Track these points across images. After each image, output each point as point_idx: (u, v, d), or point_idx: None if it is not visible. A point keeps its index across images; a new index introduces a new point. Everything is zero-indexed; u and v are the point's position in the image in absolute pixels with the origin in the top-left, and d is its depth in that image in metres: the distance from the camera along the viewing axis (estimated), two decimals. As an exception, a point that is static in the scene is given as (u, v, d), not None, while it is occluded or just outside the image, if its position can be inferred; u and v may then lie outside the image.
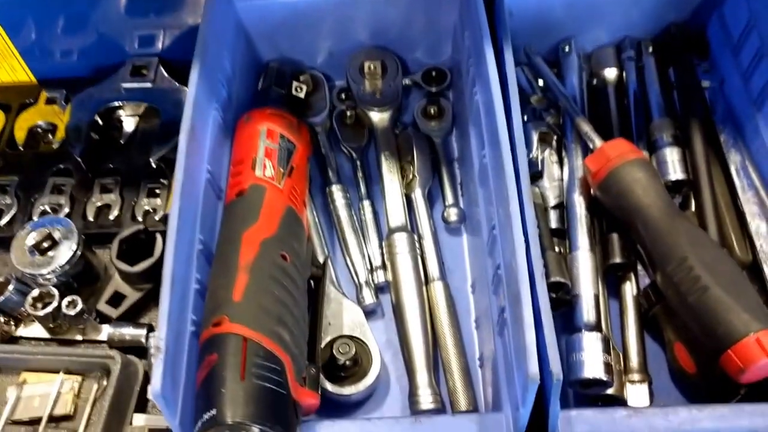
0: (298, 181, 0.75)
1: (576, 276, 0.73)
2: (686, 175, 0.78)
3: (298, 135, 0.78)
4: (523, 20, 0.86)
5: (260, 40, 0.89)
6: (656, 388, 0.72)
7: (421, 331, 0.73)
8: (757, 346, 0.60)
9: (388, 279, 0.78)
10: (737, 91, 0.83)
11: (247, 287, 0.62)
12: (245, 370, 0.58)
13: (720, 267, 0.65)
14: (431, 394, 0.70)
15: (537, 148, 0.82)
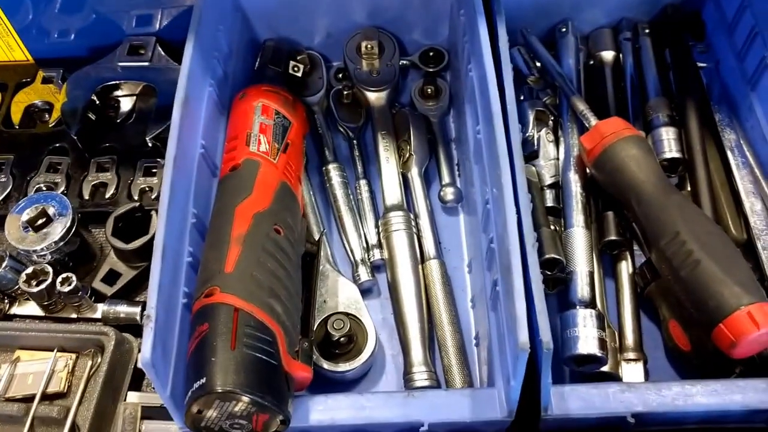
0: (294, 157, 0.75)
1: (571, 253, 0.73)
2: (681, 153, 0.78)
3: (293, 112, 0.78)
4: (521, 1, 0.87)
5: (258, 19, 0.89)
6: (652, 366, 0.72)
7: (416, 308, 0.73)
8: (748, 319, 0.60)
9: (384, 257, 0.78)
10: (732, 71, 0.83)
11: (239, 259, 0.62)
12: (236, 339, 0.57)
13: (712, 241, 0.65)
14: (426, 372, 0.70)
15: (533, 128, 0.82)
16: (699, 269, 0.63)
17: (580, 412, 0.61)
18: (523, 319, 0.55)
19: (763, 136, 0.77)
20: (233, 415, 0.57)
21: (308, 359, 0.64)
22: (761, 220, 0.72)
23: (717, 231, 0.67)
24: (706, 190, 0.75)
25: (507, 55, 0.72)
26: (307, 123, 0.83)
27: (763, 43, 0.77)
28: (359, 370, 0.71)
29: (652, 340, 0.73)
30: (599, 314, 0.69)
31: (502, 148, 0.64)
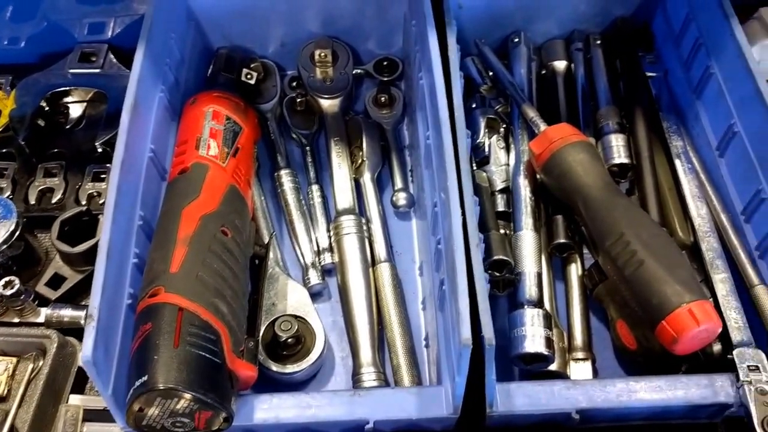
0: (243, 161, 0.76)
1: (519, 255, 0.74)
2: (630, 159, 0.80)
3: (245, 118, 0.79)
4: (475, 13, 0.90)
5: (212, 28, 0.90)
6: (600, 366, 0.74)
7: (365, 310, 0.74)
8: (689, 316, 0.62)
9: (335, 261, 0.79)
10: (679, 80, 0.86)
11: (185, 259, 0.63)
12: (179, 338, 0.58)
13: (655, 242, 0.67)
14: (374, 372, 0.71)
15: (484, 134, 0.83)
16: (643, 269, 0.65)
17: (526, 408, 0.63)
18: (466, 315, 0.57)
19: (708, 143, 0.79)
20: (175, 412, 0.57)
21: (253, 358, 0.65)
22: (705, 222, 0.74)
23: (661, 233, 0.69)
24: (653, 194, 0.77)
25: (457, 64, 0.74)
26: (258, 129, 0.84)
27: (706, 54, 0.79)
28: (307, 372, 0.72)
29: (601, 340, 0.75)
30: (546, 314, 0.70)
31: (449, 153, 0.66)
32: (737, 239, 0.73)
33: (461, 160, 0.67)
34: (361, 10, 0.89)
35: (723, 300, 0.68)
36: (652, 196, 0.77)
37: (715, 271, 0.71)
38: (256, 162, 0.84)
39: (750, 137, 0.72)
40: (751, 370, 0.63)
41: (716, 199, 0.76)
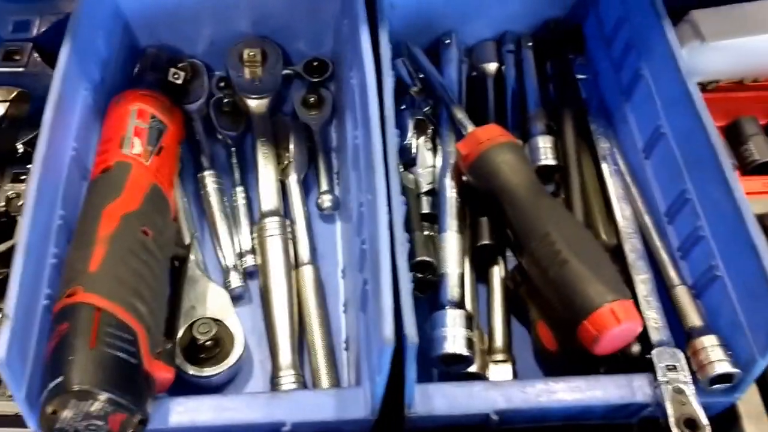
0: (167, 160, 0.77)
1: (443, 256, 0.76)
2: (557, 161, 0.83)
3: (170, 116, 0.80)
4: (406, 13, 0.91)
5: (140, 27, 0.90)
6: (522, 368, 0.76)
7: (286, 312, 0.76)
8: (610, 315, 0.64)
9: (257, 263, 0.81)
10: (609, 82, 0.88)
11: (104, 259, 0.64)
12: (96, 338, 0.58)
13: (579, 242, 0.69)
14: (293, 375, 0.72)
15: (412, 135, 0.85)
16: (566, 269, 0.67)
17: (445, 410, 0.65)
18: (389, 313, 0.58)
19: (635, 145, 0.82)
20: (89, 415, 0.57)
21: (171, 360, 0.66)
22: (629, 224, 0.77)
23: (584, 233, 0.71)
24: (579, 195, 0.80)
25: (388, 64, 0.75)
26: (183, 129, 0.85)
27: (637, 56, 0.82)
28: (225, 375, 0.73)
29: (522, 342, 0.77)
30: (468, 315, 0.71)
31: (378, 152, 0.67)
32: (660, 240, 0.75)
33: (390, 159, 0.68)
34: (292, 10, 0.90)
35: (643, 300, 0.71)
36: (577, 198, 0.79)
37: (637, 271, 0.73)
38: (180, 163, 0.85)
39: (677, 138, 0.75)
40: (668, 370, 0.66)
41: (641, 200, 0.79)
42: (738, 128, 0.90)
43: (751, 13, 0.89)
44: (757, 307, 0.62)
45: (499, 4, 0.93)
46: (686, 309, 0.70)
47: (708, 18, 0.88)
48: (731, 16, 0.89)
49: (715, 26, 0.87)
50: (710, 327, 0.68)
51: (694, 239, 0.71)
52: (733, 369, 0.64)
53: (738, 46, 0.87)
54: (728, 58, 0.89)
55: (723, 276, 0.67)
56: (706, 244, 0.70)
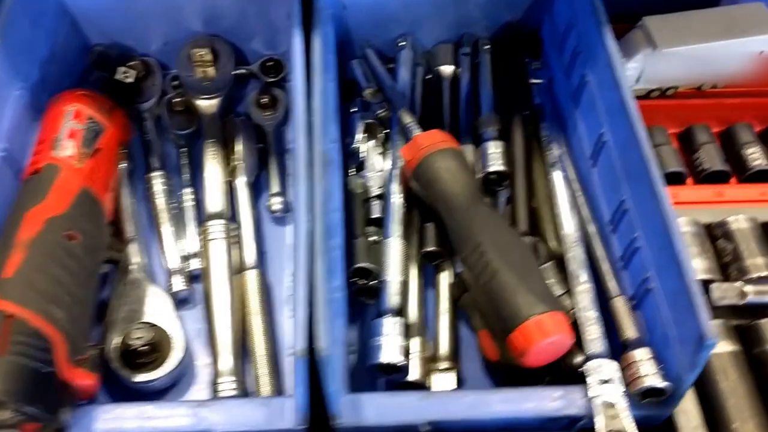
0: (103, 163, 0.74)
1: (385, 263, 0.73)
2: (506, 167, 0.80)
3: (109, 117, 0.78)
4: (361, 13, 0.89)
5: (89, 24, 0.87)
6: (467, 376, 0.73)
7: (227, 317, 0.73)
8: (537, 328, 0.62)
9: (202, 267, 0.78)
10: (562, 88, 0.85)
11: (22, 264, 0.61)
12: (6, 346, 0.56)
13: (511, 252, 0.66)
14: (233, 381, 0.70)
15: (362, 139, 0.83)
16: (496, 279, 0.64)
17: (374, 420, 0.62)
18: (303, 325, 0.56)
19: (583, 152, 0.79)
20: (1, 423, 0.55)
21: (95, 367, 0.63)
22: (573, 232, 0.74)
23: (518, 243, 0.69)
24: (524, 203, 0.77)
25: (329, 66, 0.72)
26: (126, 130, 0.83)
27: (583, 62, 0.79)
28: (164, 380, 0.70)
29: (468, 350, 0.74)
30: (406, 323, 0.69)
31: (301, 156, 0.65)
32: (602, 250, 0.73)
33: (315, 165, 0.65)
34: (244, 9, 0.87)
35: (581, 312, 0.68)
36: (522, 206, 0.77)
37: (578, 281, 0.70)
38: (131, 163, 0.83)
39: (617, 147, 0.72)
40: (601, 383, 0.63)
41: (587, 208, 0.76)
42: (690, 136, 0.87)
43: (704, 20, 0.86)
44: (684, 321, 0.59)
45: (455, 6, 0.90)
46: (622, 320, 0.67)
47: (661, 25, 0.86)
48: (684, 23, 0.86)
49: (668, 33, 0.85)
50: (644, 340, 0.65)
51: (633, 250, 0.68)
52: (662, 383, 0.61)
53: (690, 53, 0.85)
54: (682, 65, 0.86)
55: (655, 288, 0.64)
56: (641, 255, 0.67)
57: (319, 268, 0.59)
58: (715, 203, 0.80)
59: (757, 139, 0.86)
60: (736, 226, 0.76)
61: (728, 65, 0.88)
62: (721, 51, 0.86)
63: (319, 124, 0.68)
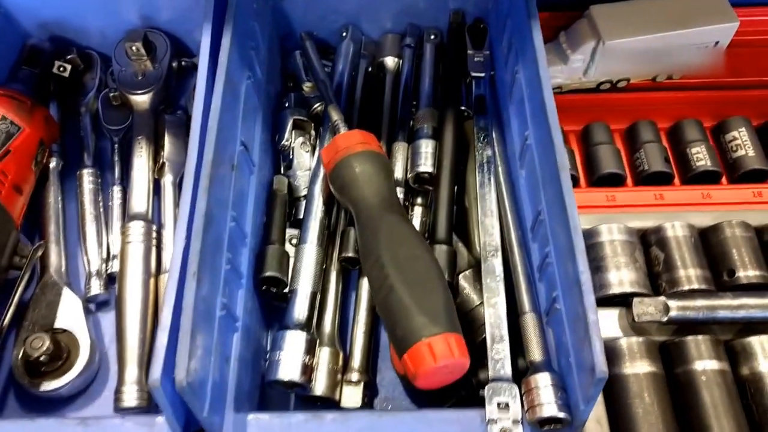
0: (13, 165, 0.69)
1: (296, 270, 0.67)
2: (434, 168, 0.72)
3: (28, 117, 0.72)
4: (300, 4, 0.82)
5: (24, 18, 0.82)
6: (386, 388, 0.69)
7: (138, 324, 0.67)
8: (428, 351, 0.54)
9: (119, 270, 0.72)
10: (501, 82, 0.77)
11: None
12: None
13: (411, 268, 0.59)
14: (137, 391, 0.65)
15: (290, 136, 0.76)
16: (392, 296, 0.57)
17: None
18: (161, 352, 0.50)
19: (514, 153, 0.71)
20: None
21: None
22: (493, 240, 0.66)
23: (422, 257, 0.61)
24: (445, 208, 0.70)
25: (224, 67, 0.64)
26: (51, 129, 0.77)
27: (515, 56, 0.71)
28: (70, 388, 0.66)
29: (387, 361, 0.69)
30: (310, 338, 0.63)
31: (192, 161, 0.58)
32: (521, 260, 0.65)
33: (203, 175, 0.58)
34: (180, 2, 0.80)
35: (490, 328, 0.61)
36: (443, 211, 0.70)
37: (490, 294, 0.63)
38: (60, 161, 0.78)
39: (538, 150, 0.64)
40: (500, 409, 0.56)
41: (511, 214, 0.68)
42: (633, 134, 0.78)
43: (656, 8, 0.77)
44: (580, 348, 0.52)
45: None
46: (529, 340, 0.60)
47: (608, 14, 0.77)
48: (633, 11, 0.77)
49: (615, 23, 0.76)
50: (550, 363, 0.58)
51: (546, 264, 0.61)
52: (559, 413, 0.54)
53: (639, 44, 0.76)
54: (631, 57, 0.77)
55: (561, 310, 0.57)
56: (552, 271, 0.59)
57: (190, 289, 0.53)
58: (654, 206, 0.72)
59: (704, 138, 0.77)
60: (672, 233, 0.68)
61: (681, 57, 0.79)
62: (673, 42, 0.77)
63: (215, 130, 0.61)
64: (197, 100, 0.62)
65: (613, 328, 0.65)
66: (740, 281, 0.66)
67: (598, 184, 0.75)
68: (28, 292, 0.70)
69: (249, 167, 0.69)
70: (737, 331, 0.65)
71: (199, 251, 0.54)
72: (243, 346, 0.62)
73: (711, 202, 0.72)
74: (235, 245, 0.63)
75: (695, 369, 0.61)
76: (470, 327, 0.65)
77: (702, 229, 0.69)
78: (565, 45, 0.79)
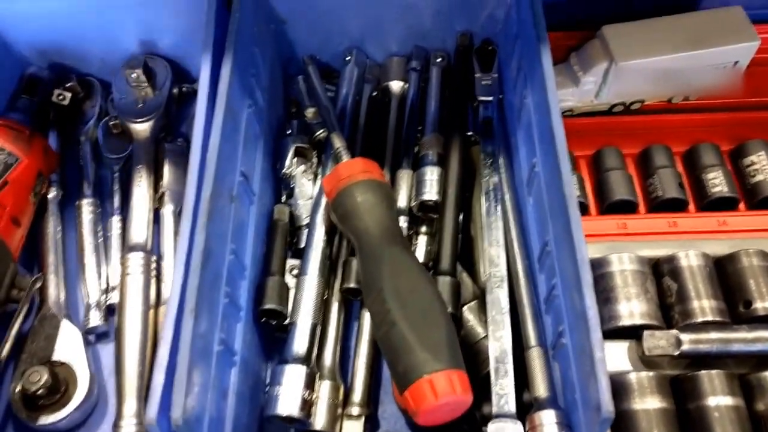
0: (11, 196, 0.71)
1: (297, 302, 0.68)
2: (440, 196, 0.73)
3: (26, 147, 0.74)
4: (303, 28, 0.83)
5: (23, 45, 0.84)
6: (387, 421, 0.70)
7: (137, 357, 0.69)
8: (429, 388, 0.55)
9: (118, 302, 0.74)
10: (510, 106, 0.78)
11: None
12: None
13: (413, 302, 0.60)
14: (136, 425, 0.66)
15: (292, 164, 0.78)
16: (394, 331, 0.58)
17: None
18: (157, 392, 0.51)
19: (522, 178, 0.72)
20: None
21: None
22: (498, 270, 0.67)
23: (424, 290, 0.61)
24: (450, 238, 0.71)
25: (224, 95, 0.65)
26: (50, 159, 0.79)
27: (524, 80, 0.72)
28: (68, 421, 0.68)
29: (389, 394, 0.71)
30: (310, 372, 0.64)
31: (191, 194, 0.60)
32: (527, 291, 0.66)
33: (201, 211, 0.60)
34: (182, 27, 0.82)
35: (495, 362, 0.62)
36: (448, 242, 0.71)
37: (496, 327, 0.64)
38: (60, 191, 0.80)
39: (545, 178, 0.65)
40: (503, 448, 0.57)
41: (518, 243, 0.69)
42: (647, 158, 0.79)
43: (670, 27, 0.78)
44: (586, 385, 0.53)
45: (404, 16, 0.83)
46: (534, 375, 0.61)
47: (620, 34, 0.78)
48: (646, 31, 0.78)
49: (628, 44, 0.77)
50: (555, 399, 0.59)
51: (553, 297, 0.62)
52: (564, 453, 0.55)
53: (652, 65, 0.77)
54: (645, 78, 0.78)
55: (568, 345, 0.58)
56: (559, 304, 0.60)
57: (188, 329, 0.54)
58: (667, 234, 0.72)
59: (720, 162, 0.77)
60: (686, 262, 0.68)
61: (698, 78, 0.79)
62: (689, 63, 0.77)
63: (213, 162, 0.62)
64: (196, 132, 0.63)
65: (623, 362, 0.66)
66: (757, 313, 0.66)
67: (609, 211, 0.76)
68: (27, 324, 0.73)
69: (249, 197, 0.70)
70: (753, 365, 0.66)
71: (196, 288, 0.56)
72: (241, 380, 0.64)
73: (727, 230, 0.72)
74: (234, 279, 0.64)
75: (708, 405, 0.62)
76: (475, 360, 0.66)
77: (718, 258, 0.70)
78: (576, 67, 0.80)
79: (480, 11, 0.82)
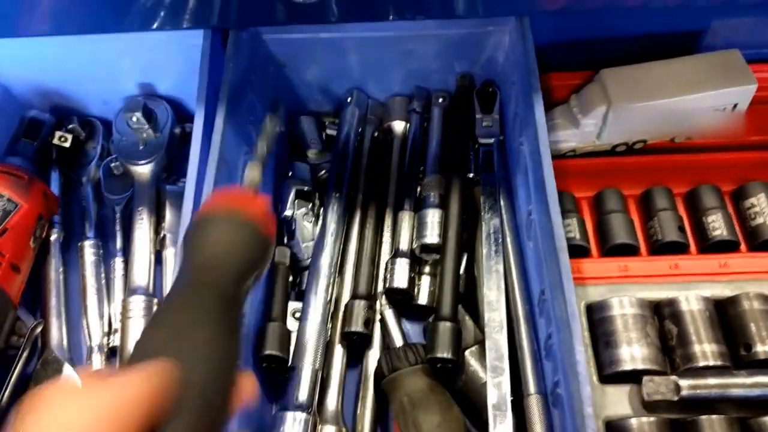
0: (10, 243, 0.74)
1: (299, 347, 0.72)
2: (441, 239, 0.77)
3: (25, 193, 0.78)
4: (302, 69, 0.87)
5: (24, 89, 0.88)
6: None
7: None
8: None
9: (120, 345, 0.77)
10: (510, 147, 0.81)
11: None
12: None
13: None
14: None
15: (293, 207, 0.81)
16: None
17: None
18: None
19: (522, 221, 0.75)
20: None
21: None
22: (497, 315, 0.70)
23: None
24: (450, 280, 0.74)
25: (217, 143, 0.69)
26: (50, 203, 0.82)
27: (520, 125, 0.75)
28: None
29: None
30: (307, 419, 0.67)
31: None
32: (527, 337, 0.69)
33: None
34: (181, 68, 0.86)
35: (493, 409, 0.65)
36: (447, 284, 0.74)
37: (495, 373, 0.67)
38: (62, 232, 0.83)
39: (540, 226, 0.68)
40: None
41: (519, 287, 0.72)
42: (647, 201, 0.81)
43: (668, 71, 0.81)
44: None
45: (405, 58, 0.86)
46: (533, 423, 0.64)
47: (619, 77, 0.80)
48: (644, 75, 0.80)
49: (626, 87, 0.80)
50: (553, 450, 0.62)
51: (549, 345, 0.65)
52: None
53: (650, 108, 0.79)
54: (644, 120, 0.81)
55: (563, 395, 0.61)
56: (555, 354, 0.63)
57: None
58: (669, 276, 0.75)
59: (720, 205, 0.80)
60: (686, 306, 0.71)
61: (697, 120, 0.82)
62: (687, 106, 0.80)
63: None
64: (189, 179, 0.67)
65: (624, 406, 0.68)
66: (758, 356, 0.69)
67: (611, 253, 0.79)
68: (31, 367, 0.76)
69: (249, 242, 0.73)
70: (754, 408, 0.68)
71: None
72: (243, 425, 0.67)
73: (729, 272, 0.75)
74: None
75: (708, 451, 0.64)
76: (478, 404, 0.69)
77: (719, 301, 0.73)
78: (576, 109, 0.83)
79: (479, 54, 0.86)
